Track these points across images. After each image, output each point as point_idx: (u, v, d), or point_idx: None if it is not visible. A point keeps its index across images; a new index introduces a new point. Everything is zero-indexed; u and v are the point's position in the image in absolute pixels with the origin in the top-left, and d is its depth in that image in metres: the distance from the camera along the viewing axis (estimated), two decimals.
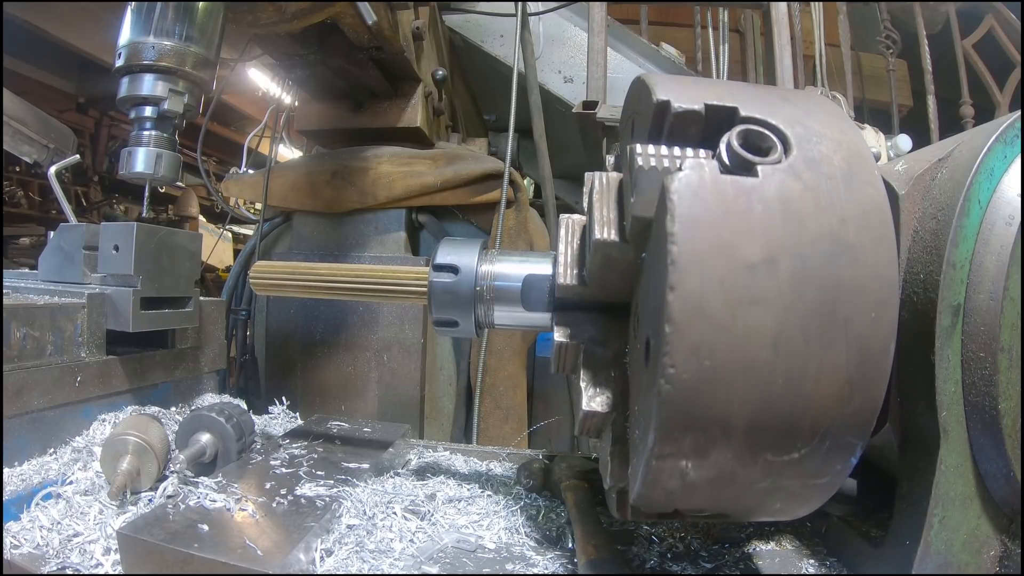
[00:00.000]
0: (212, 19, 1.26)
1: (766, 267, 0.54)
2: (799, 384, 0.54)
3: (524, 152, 2.75)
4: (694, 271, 0.53)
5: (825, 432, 0.56)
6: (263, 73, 5.24)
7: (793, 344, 0.54)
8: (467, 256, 0.93)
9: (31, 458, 1.00)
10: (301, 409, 1.48)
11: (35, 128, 2.94)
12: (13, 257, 5.35)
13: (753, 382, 0.54)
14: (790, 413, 0.55)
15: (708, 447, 0.56)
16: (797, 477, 0.59)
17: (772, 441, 0.57)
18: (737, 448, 0.56)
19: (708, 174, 0.56)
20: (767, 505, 0.63)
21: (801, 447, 0.57)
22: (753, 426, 0.55)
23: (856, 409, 0.56)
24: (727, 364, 0.53)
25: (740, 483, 0.59)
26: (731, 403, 0.54)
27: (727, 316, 0.53)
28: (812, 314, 0.54)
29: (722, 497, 0.62)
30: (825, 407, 0.55)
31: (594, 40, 2.29)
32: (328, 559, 0.81)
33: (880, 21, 4.16)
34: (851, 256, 0.55)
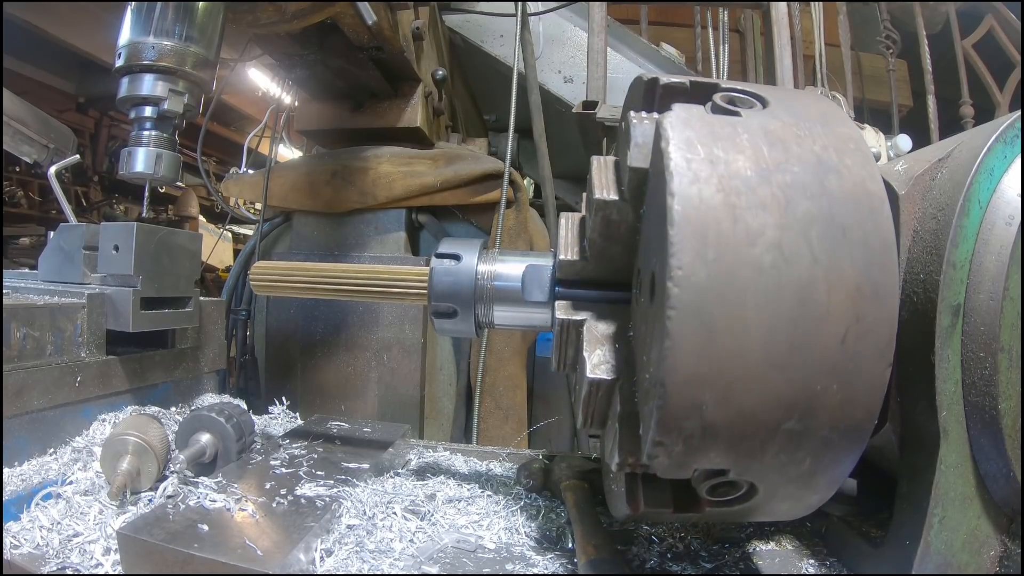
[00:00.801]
0: (212, 19, 1.26)
1: (758, 178, 0.56)
2: (811, 290, 0.53)
3: (524, 152, 2.75)
4: (692, 180, 0.55)
5: (847, 355, 0.53)
6: (263, 73, 5.24)
7: (797, 248, 0.54)
8: (467, 255, 0.93)
9: (31, 458, 1.00)
10: (301, 409, 1.48)
11: (35, 128, 2.95)
12: (13, 257, 5.35)
13: (763, 286, 0.53)
14: (807, 324, 0.53)
15: (724, 371, 0.53)
16: (825, 416, 0.55)
17: (791, 357, 0.53)
18: (755, 372, 0.53)
19: (696, 111, 0.61)
20: (792, 464, 0.58)
21: (826, 375, 0.54)
22: (769, 340, 0.53)
23: (872, 324, 0.54)
24: (733, 266, 0.53)
25: (761, 424, 0.55)
26: (744, 309, 0.53)
27: (727, 219, 0.54)
28: (810, 221, 0.55)
29: (744, 449, 0.56)
30: (841, 316, 0.54)
31: (594, 40, 2.29)
32: (328, 559, 0.81)
33: (880, 21, 4.16)
34: (837, 174, 0.57)
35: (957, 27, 3.86)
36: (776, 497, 0.63)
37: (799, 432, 0.56)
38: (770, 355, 0.54)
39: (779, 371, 0.54)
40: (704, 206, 0.54)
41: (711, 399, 0.54)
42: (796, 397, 0.55)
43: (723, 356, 0.53)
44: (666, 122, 0.60)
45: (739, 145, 0.58)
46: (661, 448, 0.57)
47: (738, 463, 0.58)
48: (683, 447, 0.56)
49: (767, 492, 0.62)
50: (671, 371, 0.53)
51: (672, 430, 0.55)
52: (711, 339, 0.53)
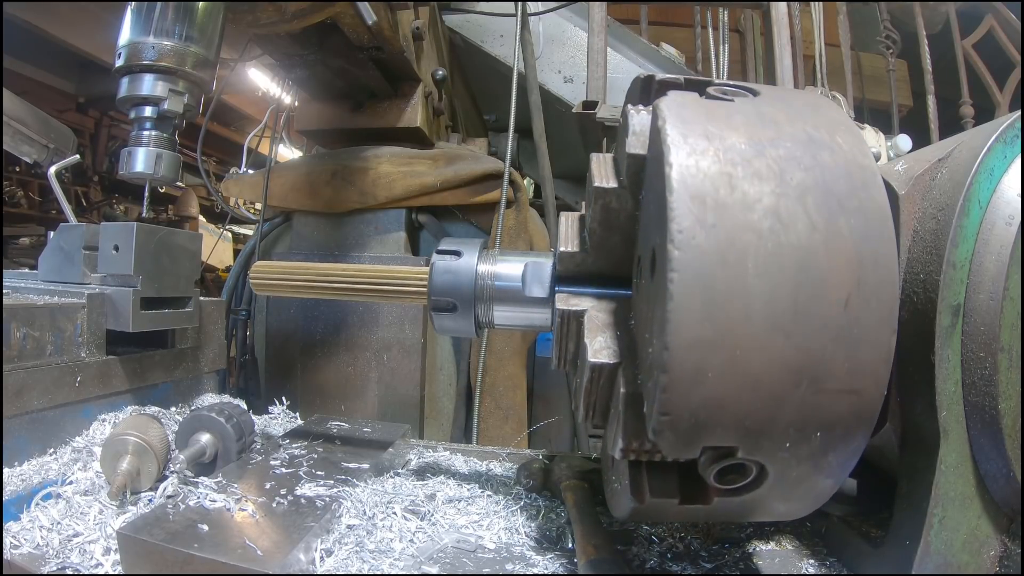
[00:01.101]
0: (212, 19, 1.26)
1: (753, 151, 0.58)
2: (810, 255, 0.54)
3: (524, 152, 2.75)
4: (688, 151, 0.57)
5: (851, 320, 0.53)
6: (263, 73, 5.24)
7: (794, 215, 0.55)
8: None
9: (31, 458, 1.00)
10: (301, 409, 1.48)
11: (35, 128, 2.95)
12: (13, 257, 5.35)
13: (764, 250, 0.54)
14: (809, 289, 0.54)
15: (728, 335, 0.53)
16: (834, 384, 0.54)
17: (795, 323, 0.53)
18: (759, 336, 0.53)
19: (691, 96, 0.64)
20: (803, 440, 0.56)
21: (832, 336, 0.54)
22: (772, 304, 0.53)
23: (874, 290, 0.54)
24: (733, 231, 0.54)
25: (769, 392, 0.54)
26: (745, 273, 0.53)
27: (725, 186, 0.55)
28: (805, 190, 0.56)
29: (752, 422, 0.55)
30: (842, 281, 0.54)
31: (594, 40, 2.30)
32: (328, 559, 0.81)
33: (880, 21, 4.16)
34: (830, 150, 0.59)
35: (957, 27, 3.86)
36: (787, 482, 0.60)
37: (808, 403, 0.55)
38: (774, 319, 0.54)
39: (784, 336, 0.54)
40: (701, 175, 0.56)
41: (716, 364, 0.53)
42: (802, 363, 0.54)
43: (727, 319, 0.53)
44: (662, 103, 0.62)
45: (733, 124, 0.60)
46: (667, 421, 0.55)
47: (747, 439, 0.56)
48: (690, 420, 0.55)
49: (777, 475, 0.59)
50: (675, 334, 0.53)
51: (678, 401, 0.54)
52: (714, 302, 0.53)
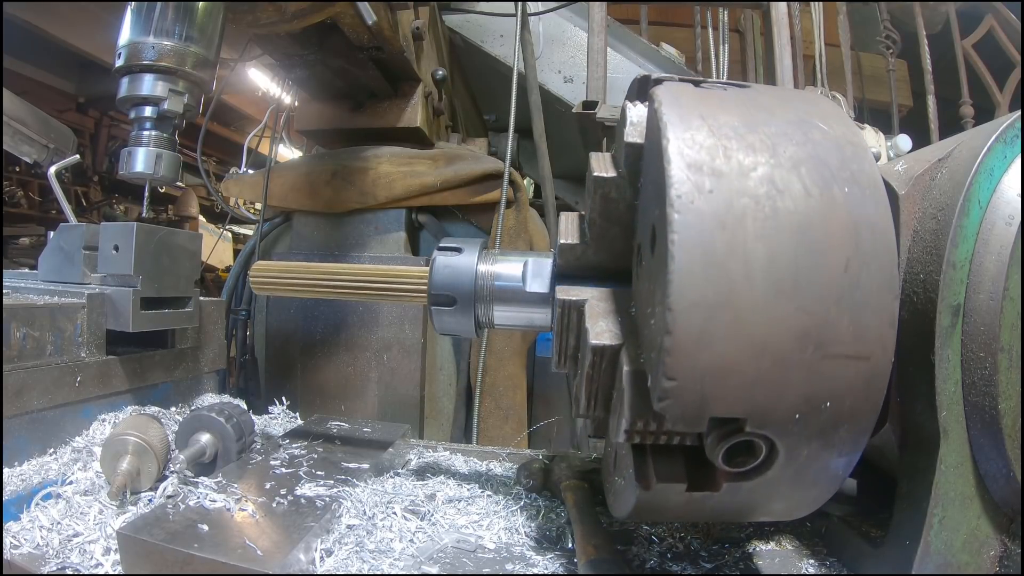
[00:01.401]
0: (212, 19, 1.26)
1: (746, 128, 0.60)
2: (807, 220, 0.56)
3: (524, 152, 2.75)
4: (684, 127, 0.59)
5: (852, 282, 0.54)
6: (263, 73, 5.24)
7: (789, 182, 0.57)
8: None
9: (31, 458, 1.00)
10: (301, 409, 1.48)
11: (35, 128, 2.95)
12: (13, 257, 5.35)
13: (761, 215, 0.55)
14: (808, 252, 0.55)
15: (731, 293, 0.54)
16: (840, 349, 0.55)
17: (797, 285, 0.54)
18: (762, 298, 0.54)
19: (686, 85, 0.67)
20: (813, 411, 0.56)
21: (836, 293, 0.55)
22: (772, 266, 0.54)
23: (872, 254, 0.56)
24: (730, 196, 0.56)
25: (775, 356, 0.54)
26: (744, 236, 0.54)
27: (721, 156, 0.58)
28: (798, 161, 0.58)
29: (760, 391, 0.55)
30: (840, 245, 0.55)
31: (594, 40, 2.30)
32: (328, 559, 0.81)
33: (880, 21, 4.16)
34: (820, 130, 0.61)
35: (957, 27, 3.86)
36: (798, 462, 0.59)
37: (815, 369, 0.55)
38: (776, 281, 0.54)
39: (787, 299, 0.54)
40: (697, 146, 0.58)
41: (720, 326, 0.53)
42: (807, 326, 0.54)
43: (728, 281, 0.54)
44: (658, 90, 0.65)
45: (726, 107, 0.63)
46: (673, 387, 0.54)
47: (755, 409, 0.56)
48: (696, 387, 0.54)
49: (788, 454, 0.58)
50: (677, 295, 0.53)
51: (683, 364, 0.54)
52: (714, 263, 0.54)
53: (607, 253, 0.79)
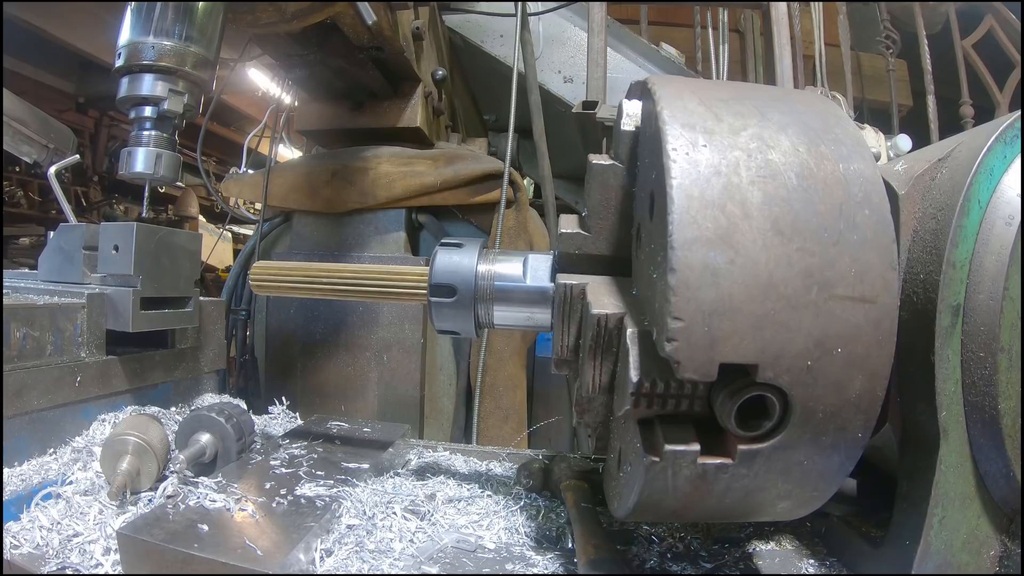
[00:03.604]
0: (212, 19, 1.26)
1: (735, 100, 0.64)
2: (798, 167, 0.58)
3: (524, 152, 2.75)
4: (677, 97, 0.63)
5: (848, 224, 0.56)
6: (263, 73, 5.24)
7: (778, 140, 0.60)
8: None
9: (31, 458, 1.00)
10: (301, 409, 1.48)
11: (35, 128, 2.95)
12: (13, 257, 5.34)
13: (754, 164, 0.58)
14: (802, 196, 0.57)
15: (731, 231, 0.55)
16: (844, 287, 0.55)
17: (795, 225, 0.56)
18: (762, 235, 0.55)
19: (678, 76, 0.78)
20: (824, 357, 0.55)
21: (830, 238, 0.56)
22: (769, 207, 0.56)
23: (865, 196, 0.58)
24: (723, 149, 0.58)
25: (781, 295, 0.54)
26: (739, 181, 0.57)
27: (712, 119, 0.61)
28: (784, 124, 0.61)
29: (770, 333, 0.54)
30: (833, 189, 0.58)
31: (594, 40, 2.29)
32: (328, 559, 0.81)
33: (880, 21, 4.16)
34: (805, 103, 0.66)
35: (957, 27, 3.85)
36: (814, 420, 0.57)
37: (822, 310, 0.55)
38: (773, 220, 0.56)
39: (786, 239, 0.55)
40: (690, 112, 0.61)
41: (723, 263, 0.54)
42: (809, 265, 0.55)
43: (726, 219, 0.55)
44: (652, 78, 0.70)
45: (714, 87, 0.67)
46: (680, 328, 0.54)
47: (766, 354, 0.55)
48: (703, 327, 0.54)
49: (802, 411, 0.57)
50: (678, 234, 0.54)
51: (690, 301, 0.54)
52: (712, 204, 0.55)
53: (606, 243, 0.80)
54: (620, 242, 0.80)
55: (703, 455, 0.60)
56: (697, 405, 0.61)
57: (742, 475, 0.61)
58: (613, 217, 0.78)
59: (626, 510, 0.69)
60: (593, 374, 0.70)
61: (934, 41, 3.89)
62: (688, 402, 0.61)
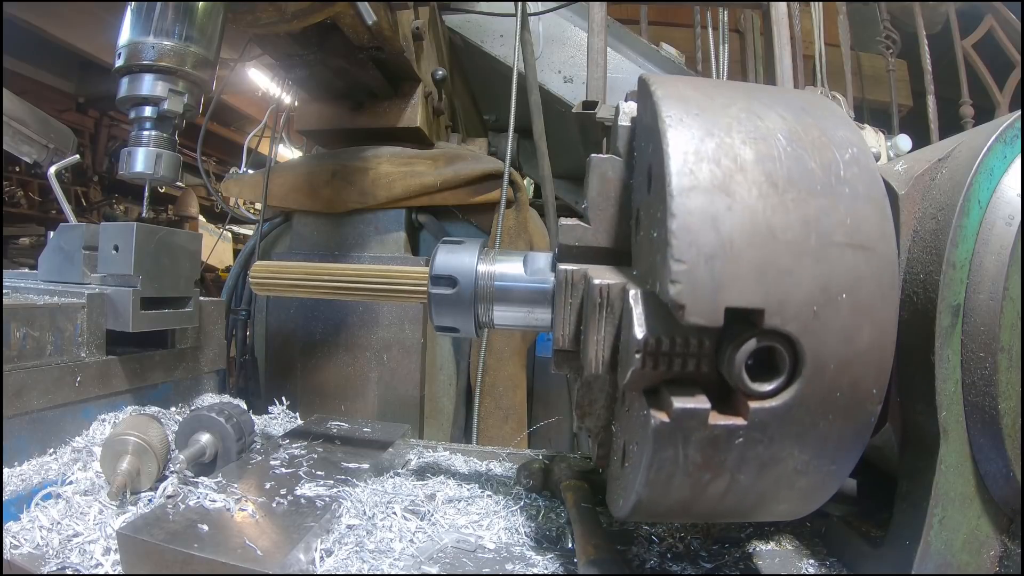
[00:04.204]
0: (212, 19, 1.26)
1: (727, 87, 0.70)
2: (786, 132, 0.61)
3: (524, 152, 2.75)
4: (672, 84, 0.67)
5: (838, 180, 0.59)
6: (263, 73, 5.24)
7: (766, 113, 0.63)
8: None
9: (31, 458, 1.00)
10: (301, 409, 1.48)
11: (35, 128, 2.95)
12: (13, 257, 5.34)
13: (744, 128, 0.61)
14: (792, 155, 0.59)
15: (727, 181, 0.57)
16: (843, 234, 0.57)
17: (788, 179, 0.58)
18: (757, 188, 0.57)
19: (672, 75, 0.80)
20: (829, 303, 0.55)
21: (822, 191, 0.58)
22: (762, 164, 0.58)
23: (853, 156, 0.61)
24: (715, 116, 0.62)
25: (782, 242, 0.55)
26: (732, 141, 0.59)
27: (704, 98, 0.64)
28: (773, 102, 0.65)
29: (773, 276, 0.55)
30: (822, 150, 0.61)
31: (594, 40, 2.29)
32: (328, 559, 0.81)
33: (880, 21, 4.16)
34: (792, 93, 0.71)
35: (957, 27, 3.85)
36: (825, 374, 0.56)
37: (823, 256, 0.56)
38: (767, 173, 0.58)
39: (781, 190, 0.57)
40: (682, 94, 0.65)
41: (721, 209, 0.55)
42: (806, 215, 0.56)
43: (723, 172, 0.57)
44: (647, 74, 0.73)
45: (707, 82, 0.71)
46: (684, 271, 0.54)
47: (771, 297, 0.55)
48: (707, 270, 0.54)
49: (812, 363, 0.56)
50: (676, 184, 0.56)
51: (691, 244, 0.54)
52: (708, 159, 0.58)
53: (606, 235, 0.81)
54: (619, 235, 0.80)
55: (714, 412, 0.58)
56: (705, 365, 0.59)
57: (756, 440, 0.58)
58: (612, 209, 0.80)
59: (631, 501, 0.65)
60: (596, 350, 0.68)
61: (934, 41, 3.89)
62: (695, 362, 0.59)
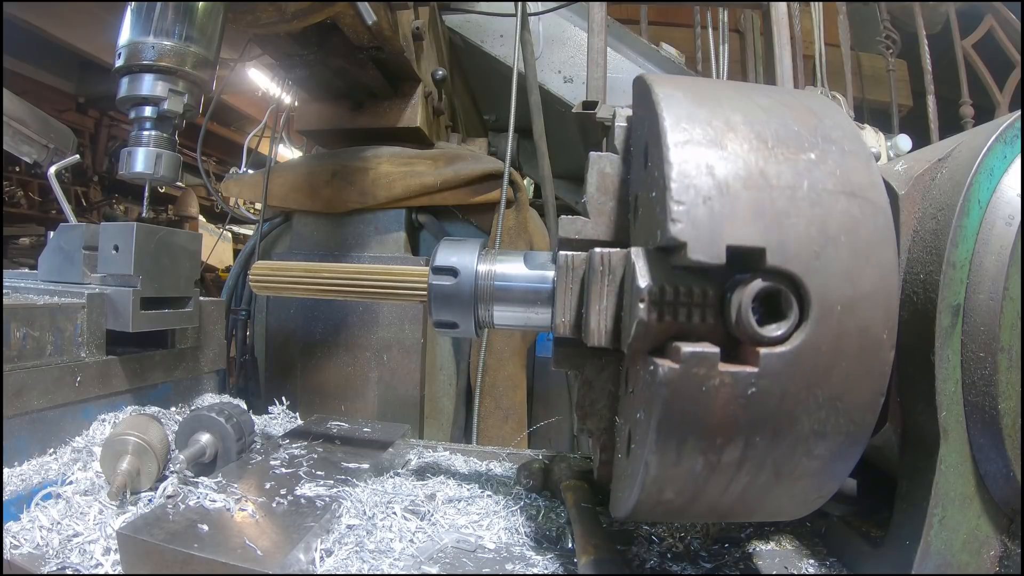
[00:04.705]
0: (212, 19, 1.26)
1: (718, 84, 0.73)
2: (772, 105, 0.65)
3: (524, 152, 2.75)
4: (667, 81, 0.68)
5: (824, 140, 0.62)
6: (263, 73, 5.24)
7: (754, 94, 0.68)
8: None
9: (31, 458, 1.00)
10: (301, 409, 1.48)
11: (35, 128, 2.95)
12: (13, 257, 5.34)
13: (732, 100, 0.65)
14: (777, 120, 0.63)
15: (719, 138, 0.60)
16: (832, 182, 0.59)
17: (776, 139, 0.61)
18: (747, 141, 0.60)
19: None
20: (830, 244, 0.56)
21: (809, 148, 0.61)
22: (750, 125, 0.62)
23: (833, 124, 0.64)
24: (706, 92, 0.66)
25: (775, 186, 0.57)
26: (721, 109, 0.63)
27: (696, 84, 0.68)
28: (760, 92, 0.68)
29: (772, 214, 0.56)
30: (806, 117, 0.64)
31: (594, 40, 2.29)
32: (328, 559, 0.81)
33: (880, 21, 4.16)
34: (790, 92, 0.72)
35: (957, 27, 3.85)
36: (832, 317, 0.56)
37: (818, 200, 0.57)
38: (757, 134, 0.61)
39: (770, 146, 0.60)
40: (675, 81, 0.69)
41: (716, 158, 0.58)
42: (796, 166, 0.59)
43: (714, 131, 0.60)
44: (643, 73, 0.75)
45: (700, 79, 0.75)
46: (683, 211, 0.56)
47: (771, 236, 0.56)
48: (706, 208, 0.56)
49: (820, 303, 0.55)
50: (671, 135, 0.59)
51: (688, 187, 0.56)
52: (700, 121, 0.61)
53: (604, 227, 0.81)
54: (618, 227, 0.81)
55: (724, 360, 0.56)
56: (710, 316, 0.59)
57: (769, 393, 0.57)
58: (611, 203, 0.81)
59: (638, 479, 0.62)
60: (598, 320, 0.68)
61: (934, 41, 3.89)
62: (700, 313, 0.59)
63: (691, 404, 0.57)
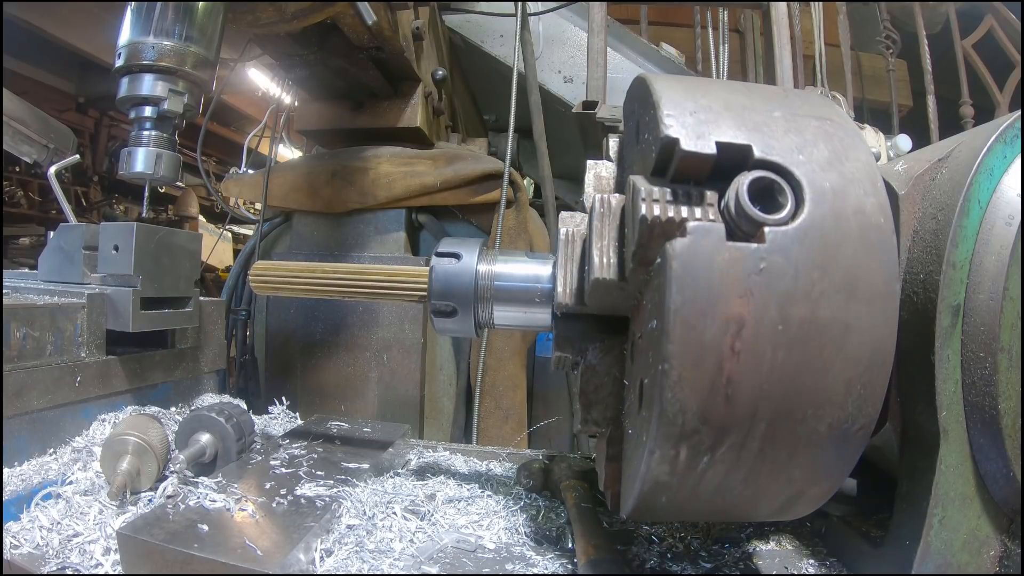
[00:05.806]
0: (212, 19, 1.26)
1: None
2: (752, 88, 0.71)
3: (524, 152, 2.75)
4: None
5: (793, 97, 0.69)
6: (263, 73, 5.24)
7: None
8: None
9: (31, 458, 1.00)
10: (301, 409, 1.48)
11: (35, 128, 2.95)
12: (13, 257, 5.34)
13: (717, 85, 0.71)
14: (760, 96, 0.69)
15: (706, 100, 0.65)
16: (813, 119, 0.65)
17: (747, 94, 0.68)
18: (722, 98, 0.66)
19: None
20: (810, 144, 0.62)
21: (775, 100, 0.68)
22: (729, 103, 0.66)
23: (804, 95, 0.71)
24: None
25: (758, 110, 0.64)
26: (707, 88, 0.68)
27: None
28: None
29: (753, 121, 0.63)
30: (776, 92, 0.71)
31: (594, 40, 2.29)
32: (328, 559, 0.81)
33: (880, 21, 4.16)
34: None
35: (957, 27, 3.85)
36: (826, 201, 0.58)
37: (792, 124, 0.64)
38: (733, 91, 0.68)
39: (744, 95, 0.67)
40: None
41: (700, 96, 0.65)
42: (769, 103, 0.66)
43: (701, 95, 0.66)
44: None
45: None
46: (673, 117, 0.62)
47: (755, 135, 0.61)
48: (693, 119, 0.62)
49: (813, 189, 0.58)
50: (663, 92, 0.65)
51: (677, 105, 0.63)
52: (690, 93, 0.66)
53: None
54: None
55: (730, 238, 0.57)
56: (711, 213, 0.59)
57: (780, 265, 0.56)
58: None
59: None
60: (601, 256, 0.68)
61: (934, 41, 3.89)
62: (701, 213, 0.59)
63: (703, 282, 0.56)
